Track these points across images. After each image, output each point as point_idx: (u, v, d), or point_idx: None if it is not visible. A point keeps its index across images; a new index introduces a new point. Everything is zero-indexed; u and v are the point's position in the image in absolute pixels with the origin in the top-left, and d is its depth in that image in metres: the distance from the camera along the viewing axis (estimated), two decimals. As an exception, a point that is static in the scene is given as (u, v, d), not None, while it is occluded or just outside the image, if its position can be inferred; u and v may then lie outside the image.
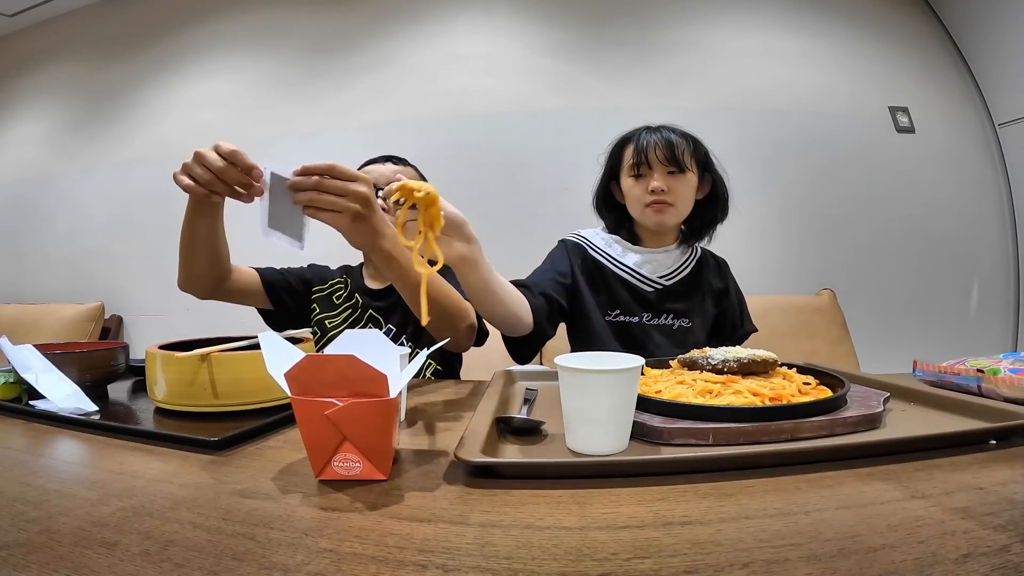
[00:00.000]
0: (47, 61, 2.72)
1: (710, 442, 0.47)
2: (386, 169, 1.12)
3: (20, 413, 0.63)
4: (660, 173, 0.99)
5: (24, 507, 0.37)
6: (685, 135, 1.03)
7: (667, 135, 1.00)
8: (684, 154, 0.99)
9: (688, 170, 1.00)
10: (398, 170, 1.11)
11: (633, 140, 1.03)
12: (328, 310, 1.16)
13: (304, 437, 0.43)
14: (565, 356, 0.49)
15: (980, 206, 2.09)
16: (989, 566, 0.28)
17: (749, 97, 2.06)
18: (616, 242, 1.06)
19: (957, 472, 0.42)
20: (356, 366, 0.42)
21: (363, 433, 0.42)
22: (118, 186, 2.44)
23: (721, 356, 0.60)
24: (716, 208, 1.06)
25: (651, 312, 1.02)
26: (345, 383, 0.42)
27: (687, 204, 1.02)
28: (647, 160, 0.99)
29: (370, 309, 1.13)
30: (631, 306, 1.02)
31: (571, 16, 2.14)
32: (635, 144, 1.02)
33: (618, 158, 1.06)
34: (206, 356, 0.59)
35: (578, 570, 0.29)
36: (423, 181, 1.12)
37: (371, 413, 0.42)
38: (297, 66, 2.29)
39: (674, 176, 0.99)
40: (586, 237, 1.07)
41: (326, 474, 0.43)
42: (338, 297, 1.18)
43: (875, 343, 1.71)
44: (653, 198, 0.98)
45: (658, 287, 1.03)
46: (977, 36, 2.10)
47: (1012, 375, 0.62)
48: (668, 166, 0.98)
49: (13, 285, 2.57)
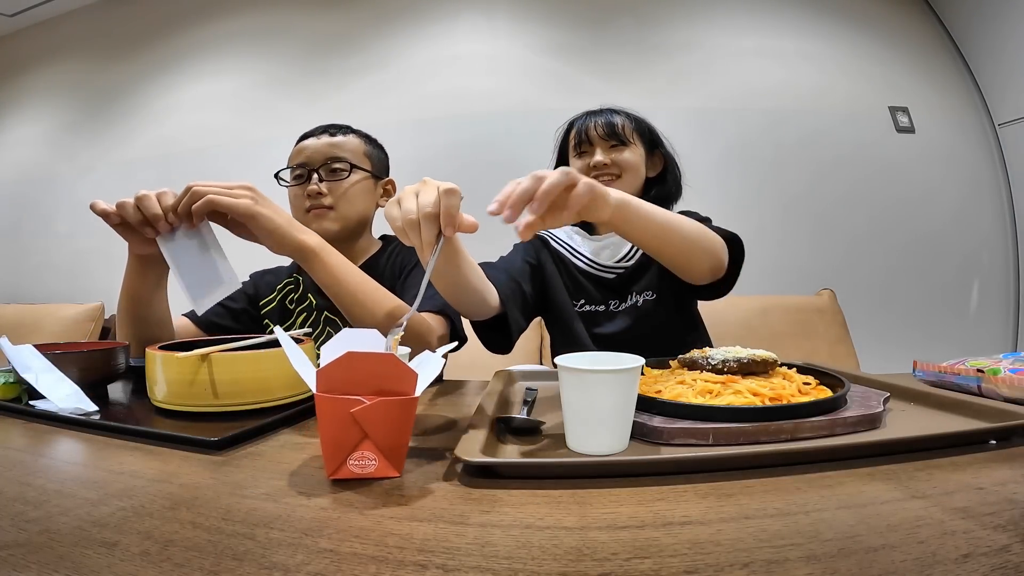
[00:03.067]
0: (47, 61, 2.72)
1: (710, 442, 0.47)
2: (320, 143, 1.00)
3: (20, 413, 0.63)
4: (602, 148, 1.00)
5: (24, 507, 0.37)
6: (628, 114, 1.04)
7: (608, 115, 1.02)
8: (625, 128, 1.00)
9: (631, 143, 1.01)
10: (335, 142, 1.01)
11: (574, 122, 1.05)
12: (282, 321, 1.04)
13: (324, 435, 0.43)
14: (565, 356, 0.49)
15: (980, 206, 2.09)
16: (989, 566, 0.28)
17: (749, 97, 2.06)
18: (576, 232, 1.07)
19: (957, 472, 0.42)
20: (391, 363, 0.43)
21: (386, 431, 0.42)
22: (118, 186, 2.44)
23: (721, 356, 0.60)
24: (668, 183, 1.06)
25: (617, 299, 1.01)
26: (374, 381, 0.43)
27: (635, 177, 1.02)
28: (588, 138, 1.01)
29: (325, 311, 1.01)
30: (595, 296, 1.03)
31: (571, 16, 2.14)
32: (576, 124, 1.04)
33: (565, 143, 1.07)
34: (206, 356, 0.59)
35: (578, 570, 0.29)
36: (373, 148, 1.07)
37: (396, 411, 0.42)
38: (297, 66, 2.29)
39: (617, 149, 1.00)
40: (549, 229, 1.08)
41: (340, 473, 0.43)
42: (291, 301, 1.06)
43: (875, 343, 1.71)
44: (596, 173, 0.99)
45: (619, 271, 1.03)
46: (977, 36, 2.10)
47: (1012, 375, 0.62)
48: (609, 140, 1.00)
49: (13, 285, 2.57)
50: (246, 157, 2.21)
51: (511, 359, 1.02)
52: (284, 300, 1.07)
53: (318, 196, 0.98)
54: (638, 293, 1.01)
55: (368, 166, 1.04)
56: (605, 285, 1.03)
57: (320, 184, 0.98)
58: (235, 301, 1.06)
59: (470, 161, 2.05)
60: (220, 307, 1.04)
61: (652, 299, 1.00)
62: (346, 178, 1.00)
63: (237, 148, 2.27)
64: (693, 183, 1.11)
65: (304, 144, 1.02)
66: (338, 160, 1.00)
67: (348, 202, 1.01)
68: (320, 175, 0.99)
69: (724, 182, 2.04)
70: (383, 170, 1.09)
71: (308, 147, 1.01)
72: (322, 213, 0.98)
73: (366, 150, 1.06)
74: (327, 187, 0.99)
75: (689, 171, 1.10)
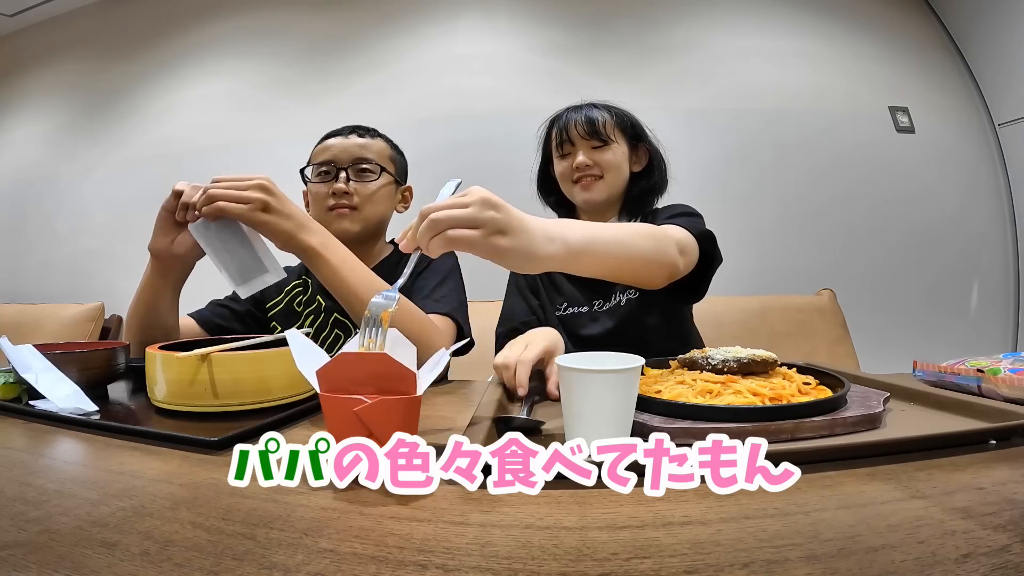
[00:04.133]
0: (47, 61, 2.72)
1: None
2: (348, 143, 1.01)
3: (20, 413, 0.63)
4: (584, 148, 0.98)
5: (24, 507, 0.37)
6: (609, 108, 1.02)
7: (588, 111, 1.00)
8: (606, 126, 0.98)
9: (613, 141, 0.99)
10: (363, 143, 1.02)
11: (556, 120, 1.03)
12: (290, 323, 1.03)
13: (331, 433, 0.43)
14: (565, 356, 0.49)
15: (980, 206, 2.09)
16: (989, 566, 0.28)
17: (749, 97, 2.06)
18: None
19: (957, 472, 0.42)
20: (387, 364, 0.43)
21: (391, 430, 0.42)
22: (118, 186, 2.44)
23: (721, 356, 0.60)
24: (653, 177, 1.04)
25: (601, 298, 1.00)
26: (374, 380, 0.43)
27: (617, 175, 1.00)
28: (569, 137, 0.99)
29: (335, 313, 1.01)
30: (577, 297, 1.01)
31: (571, 17, 2.14)
32: (557, 123, 1.02)
33: (548, 142, 1.06)
34: (206, 356, 0.59)
35: (578, 570, 0.29)
36: (396, 154, 1.07)
37: (398, 410, 0.43)
38: (297, 66, 2.29)
39: (599, 150, 0.98)
40: None
41: None
42: (299, 304, 1.05)
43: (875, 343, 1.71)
44: (579, 174, 0.98)
45: None
46: (977, 36, 2.10)
47: (1012, 375, 0.62)
48: (591, 140, 0.98)
49: (13, 285, 2.56)
50: (246, 157, 2.21)
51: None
52: (292, 302, 1.06)
53: (344, 195, 0.98)
54: (621, 291, 1.00)
55: (393, 171, 1.05)
56: (588, 285, 1.01)
57: (348, 184, 0.98)
58: (238, 303, 1.05)
59: (470, 161, 2.05)
60: (224, 308, 1.05)
61: (635, 297, 0.98)
62: (374, 180, 1.00)
63: (237, 148, 2.27)
64: (692, 183, 1.11)
65: (331, 143, 1.01)
66: (367, 161, 1.00)
67: (372, 204, 1.00)
68: (348, 175, 0.99)
69: (724, 182, 2.04)
70: (404, 176, 1.11)
71: (335, 145, 1.00)
72: (345, 213, 0.98)
73: (391, 155, 1.06)
74: (354, 187, 0.99)
75: (689, 171, 1.09)
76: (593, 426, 0.46)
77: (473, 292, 1.05)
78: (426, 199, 0.59)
